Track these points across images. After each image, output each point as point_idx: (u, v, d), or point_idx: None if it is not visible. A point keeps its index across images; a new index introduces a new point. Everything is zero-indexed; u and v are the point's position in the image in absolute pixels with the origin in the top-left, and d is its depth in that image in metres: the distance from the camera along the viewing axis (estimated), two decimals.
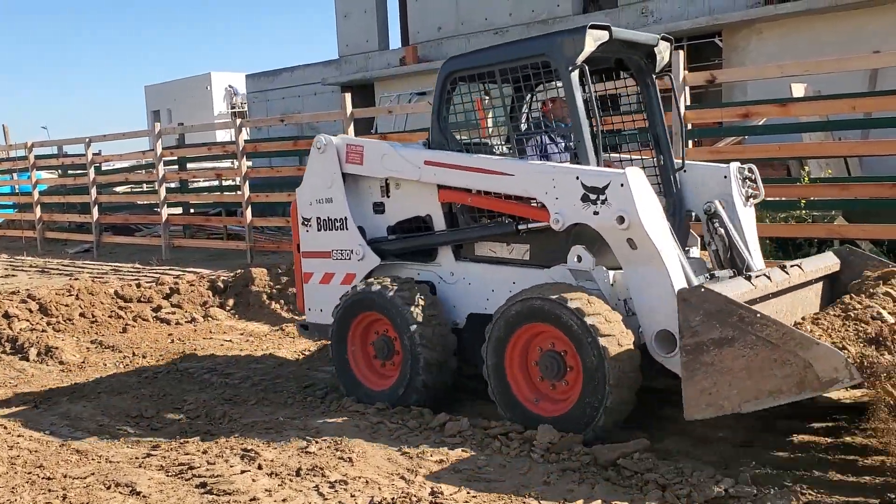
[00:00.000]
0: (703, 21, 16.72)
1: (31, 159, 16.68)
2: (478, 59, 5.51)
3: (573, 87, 5.00)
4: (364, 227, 6.02)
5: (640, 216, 4.62)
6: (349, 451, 4.67)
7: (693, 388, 4.10)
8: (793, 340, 3.83)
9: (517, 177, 5.16)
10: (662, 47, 5.56)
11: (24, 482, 4.45)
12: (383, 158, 5.81)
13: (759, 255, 5.47)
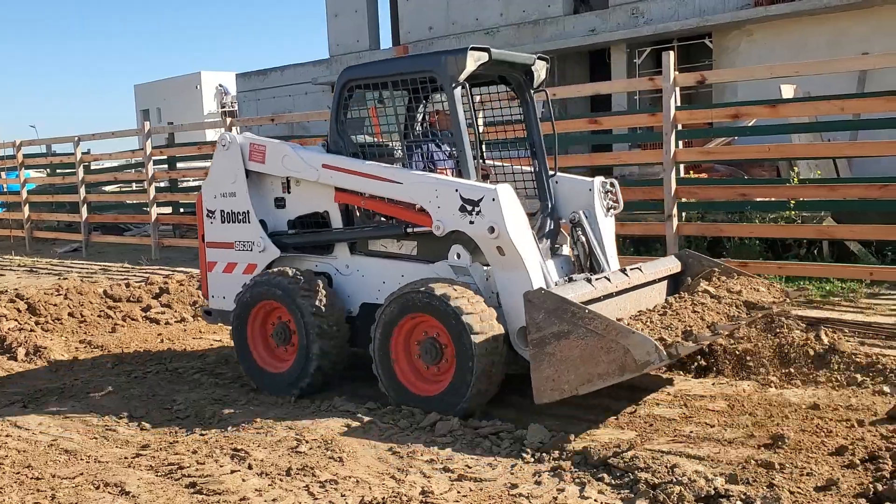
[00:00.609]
0: (693, 22, 16.77)
1: (19, 158, 16.58)
2: (373, 69, 6.04)
3: (455, 102, 5.52)
4: (266, 220, 6.45)
5: (508, 228, 5.22)
6: (339, 451, 4.66)
7: (539, 375, 4.68)
8: (615, 331, 4.46)
9: (405, 185, 5.66)
10: (539, 66, 6.17)
11: (13, 482, 4.42)
12: (284, 159, 6.24)
13: (615, 260, 6.12)
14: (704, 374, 6.09)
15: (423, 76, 5.67)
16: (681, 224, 7.99)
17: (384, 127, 6.30)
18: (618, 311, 5.26)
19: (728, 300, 5.66)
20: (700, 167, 11.20)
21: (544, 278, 5.38)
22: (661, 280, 5.99)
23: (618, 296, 5.40)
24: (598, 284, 5.20)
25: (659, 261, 6.23)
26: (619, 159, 10.28)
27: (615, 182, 6.28)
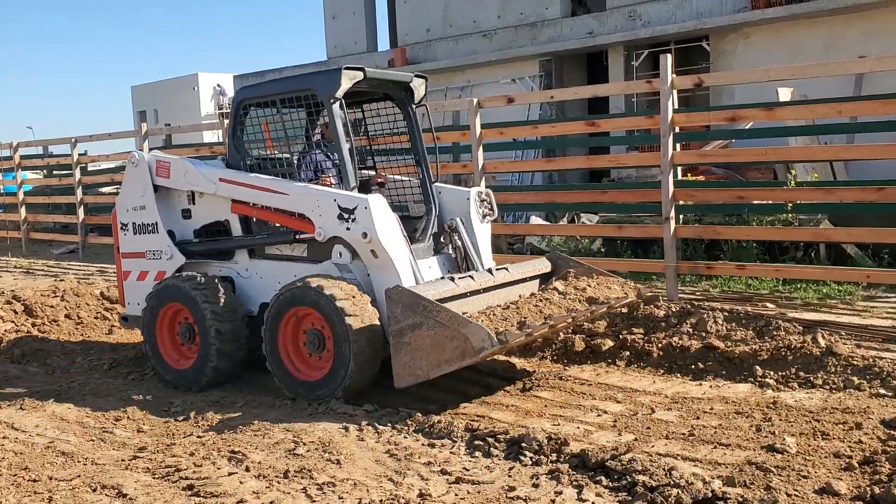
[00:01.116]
0: (690, 25, 16.78)
1: (16, 159, 16.56)
2: (263, 89, 6.63)
3: (335, 116, 6.07)
4: (174, 230, 7.01)
5: (378, 233, 5.81)
6: (337, 453, 4.66)
7: (398, 363, 5.27)
8: (456, 322, 5.04)
9: (291, 196, 6.23)
10: (417, 83, 6.80)
11: (10, 484, 4.41)
12: (186, 174, 6.81)
13: (490, 260, 6.75)
14: (702, 377, 6.10)
15: (305, 94, 6.26)
16: (678, 227, 8.00)
17: (276, 141, 6.83)
18: (480, 306, 5.82)
19: (573, 296, 6.16)
20: (697, 170, 11.21)
21: (414, 276, 5.97)
22: (530, 279, 6.57)
23: (484, 292, 5.95)
24: (460, 282, 5.75)
25: (529, 262, 6.84)
26: (616, 161, 10.29)
27: (490, 192, 6.95)
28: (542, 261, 6.91)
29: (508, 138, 10.53)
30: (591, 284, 6.51)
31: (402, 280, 5.81)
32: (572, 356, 6.77)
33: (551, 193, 10.34)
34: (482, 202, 6.82)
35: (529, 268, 6.63)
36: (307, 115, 6.96)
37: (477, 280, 5.92)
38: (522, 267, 6.57)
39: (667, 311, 7.12)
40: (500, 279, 6.12)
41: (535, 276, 6.66)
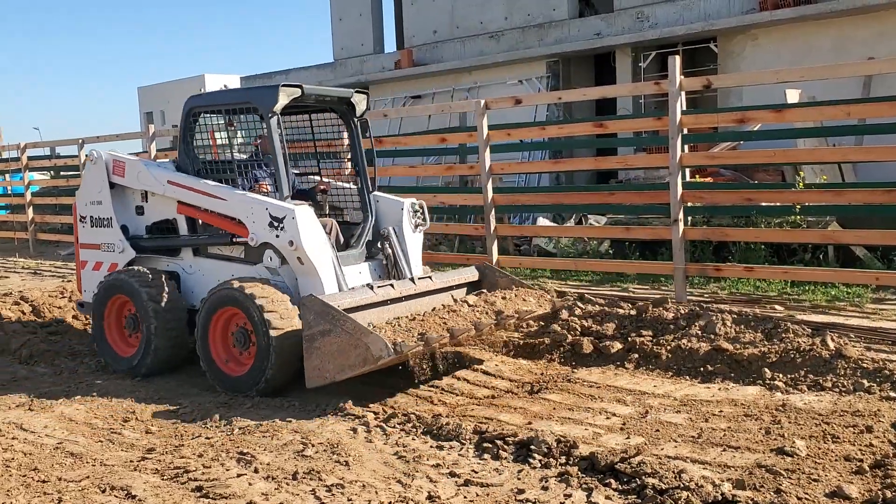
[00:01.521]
0: (698, 27, 16.76)
1: (23, 160, 16.60)
2: (211, 99, 7.06)
3: (272, 130, 6.44)
4: (128, 225, 7.44)
5: (303, 243, 6.18)
6: (346, 455, 4.66)
7: (310, 365, 5.64)
8: (359, 331, 5.38)
9: (229, 202, 6.62)
10: (358, 98, 7.19)
11: (19, 485, 4.42)
12: (138, 174, 7.24)
13: (419, 268, 7.07)
14: (710, 379, 6.08)
15: (247, 107, 6.68)
16: (687, 228, 7.98)
17: (222, 148, 7.27)
18: (398, 313, 6.16)
19: (480, 308, 6.41)
20: (705, 171, 11.18)
21: (338, 282, 6.38)
22: (455, 287, 6.94)
23: (406, 300, 6.34)
24: (379, 291, 6.14)
25: (456, 271, 7.18)
26: (625, 163, 10.26)
27: (423, 204, 7.27)
28: (471, 270, 7.23)
29: (516, 139, 10.52)
30: (506, 296, 6.75)
31: (325, 286, 6.26)
32: (580, 358, 6.75)
33: (559, 195, 10.32)
34: (415, 213, 7.15)
35: (454, 277, 6.99)
36: (240, 126, 7.56)
37: (397, 288, 6.29)
38: (447, 276, 6.93)
39: (675, 313, 7.10)
40: (421, 288, 6.49)
41: (461, 285, 7.01)
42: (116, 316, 7.16)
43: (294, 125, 7.58)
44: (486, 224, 9.24)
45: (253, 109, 6.63)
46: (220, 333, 6.40)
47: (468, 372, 6.57)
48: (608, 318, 7.29)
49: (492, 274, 7.25)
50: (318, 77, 25.16)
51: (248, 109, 6.70)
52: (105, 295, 7.13)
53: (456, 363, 6.78)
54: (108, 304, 7.12)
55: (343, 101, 7.15)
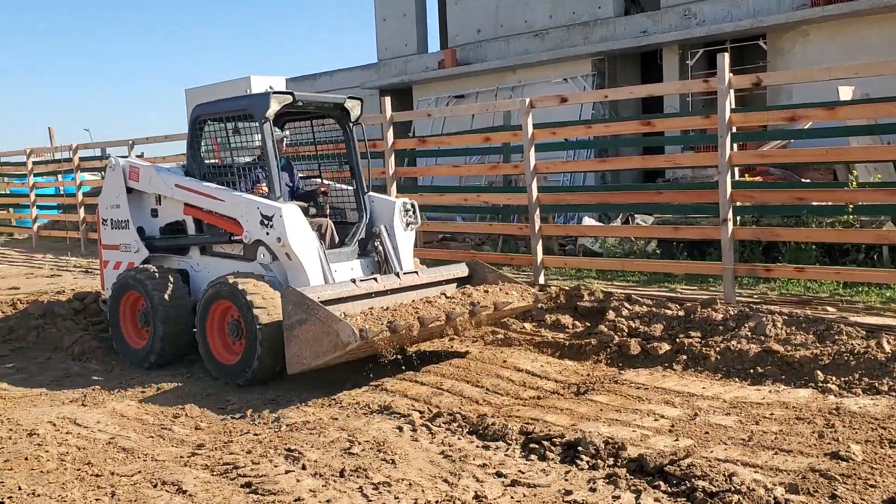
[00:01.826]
0: (746, 23, 16.48)
1: (75, 161, 16.95)
2: (213, 107, 7.48)
3: (265, 135, 6.88)
4: (144, 227, 7.96)
5: (289, 239, 6.58)
6: (392, 454, 4.67)
7: (290, 353, 6.00)
8: (330, 319, 5.74)
9: (226, 202, 7.07)
10: (352, 104, 7.56)
11: (74, 478, 4.52)
12: (151, 179, 7.76)
13: (410, 265, 7.34)
14: (760, 381, 5.97)
15: (244, 113, 7.10)
16: (736, 228, 7.84)
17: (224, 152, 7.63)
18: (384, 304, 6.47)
19: (457, 300, 6.65)
20: (755, 170, 10.99)
21: (324, 276, 6.73)
22: (444, 283, 7.18)
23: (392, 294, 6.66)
24: (362, 284, 6.52)
25: (445, 267, 7.46)
26: (673, 162, 10.13)
27: (414, 203, 7.59)
28: (461, 266, 7.49)
29: (561, 138, 10.44)
30: (488, 290, 6.97)
31: (310, 279, 6.63)
32: (627, 360, 6.69)
33: (605, 194, 10.22)
34: (406, 212, 7.49)
35: (442, 272, 7.27)
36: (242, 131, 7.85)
37: (380, 282, 6.65)
38: (435, 272, 7.22)
39: (724, 314, 7.00)
40: (405, 282, 6.82)
41: (450, 281, 7.26)
42: (130, 311, 7.60)
43: (300, 130, 8.15)
44: (531, 224, 9.19)
45: (249, 116, 7.04)
46: (216, 325, 6.81)
47: (513, 372, 6.54)
48: (656, 319, 7.21)
49: (481, 270, 7.46)
50: (362, 78, 25.30)
51: (245, 116, 7.11)
52: (119, 292, 7.62)
53: (498, 363, 6.76)
54: (122, 300, 7.61)
55: (339, 108, 7.55)
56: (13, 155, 19.39)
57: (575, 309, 7.94)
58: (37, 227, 18.15)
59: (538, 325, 7.84)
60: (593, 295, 8.01)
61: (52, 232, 18.23)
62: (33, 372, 7.37)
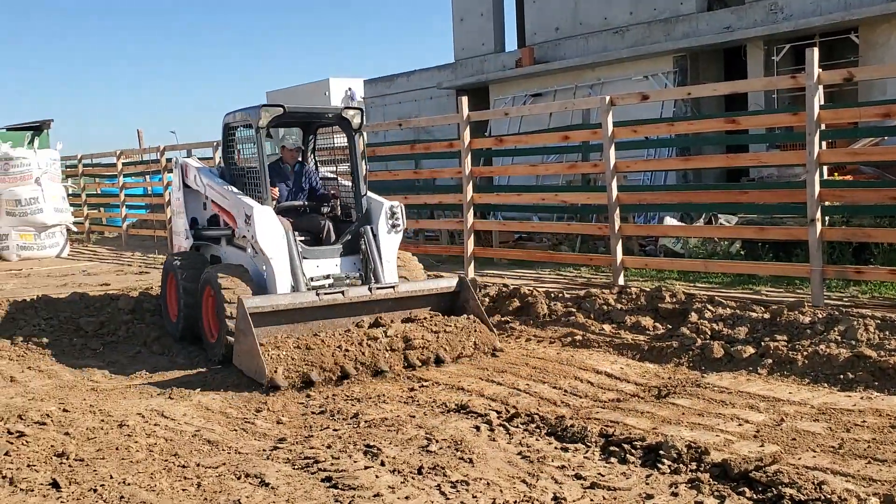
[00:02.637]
0: (837, 17, 15.92)
1: (163, 162, 17.51)
2: (234, 116, 8.24)
3: (258, 143, 7.66)
4: (197, 218, 9.02)
5: (258, 236, 7.31)
6: (469, 453, 4.67)
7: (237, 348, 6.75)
8: (254, 352, 6.39)
9: (228, 201, 7.94)
10: (351, 114, 8.10)
11: (162, 469, 4.65)
12: (195, 177, 8.73)
13: (392, 267, 7.76)
14: (851, 387, 5.75)
15: (246, 123, 7.93)
16: (825, 229, 7.58)
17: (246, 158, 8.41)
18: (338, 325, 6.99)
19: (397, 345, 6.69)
20: (844, 169, 10.61)
21: (294, 274, 7.32)
22: (423, 297, 7.45)
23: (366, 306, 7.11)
24: (325, 298, 6.97)
25: (433, 280, 7.81)
26: (758, 160, 9.86)
27: (401, 206, 7.97)
28: (448, 281, 7.65)
29: (641, 136, 10.28)
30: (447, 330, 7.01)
31: (277, 276, 7.30)
32: (710, 363, 6.53)
33: (687, 193, 10.03)
34: (392, 215, 7.85)
35: (424, 287, 7.54)
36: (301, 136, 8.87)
37: (347, 296, 7.04)
38: (416, 285, 7.52)
39: (812, 317, 6.78)
40: (376, 296, 7.17)
41: (429, 296, 7.49)
42: (174, 290, 8.43)
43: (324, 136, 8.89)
44: (610, 223, 9.08)
45: (250, 125, 7.81)
46: (210, 308, 7.59)
47: (592, 374, 6.47)
48: (740, 322, 7.02)
49: (467, 294, 7.53)
50: (439, 78, 25.40)
51: (248, 125, 7.91)
52: (165, 273, 8.74)
53: (576, 364, 6.69)
54: (168, 279, 8.61)
55: (339, 118, 8.12)
56: (104, 157, 20.17)
57: (656, 311, 7.80)
58: (126, 225, 18.83)
59: (618, 326, 7.74)
60: (675, 296, 7.86)
61: (141, 231, 18.89)
62: (123, 365, 7.63)
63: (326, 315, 7.05)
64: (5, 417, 5.68)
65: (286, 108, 7.68)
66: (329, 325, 7.01)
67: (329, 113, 8.21)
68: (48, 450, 4.98)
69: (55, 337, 8.57)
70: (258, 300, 6.77)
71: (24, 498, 4.31)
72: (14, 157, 16.19)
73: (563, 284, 9.62)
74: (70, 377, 7.19)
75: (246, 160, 8.33)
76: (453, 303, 7.58)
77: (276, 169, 8.34)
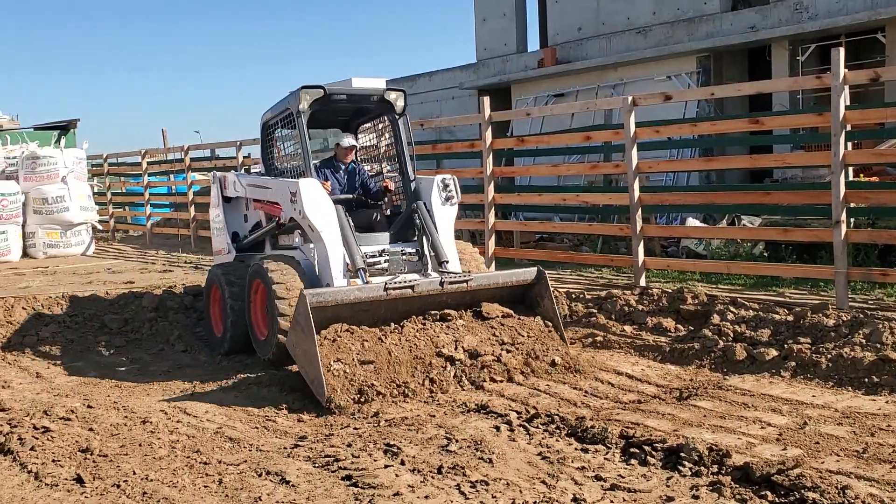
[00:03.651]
0: (863, 16, 15.76)
1: (186, 161, 17.64)
2: (272, 111, 7.89)
3: (300, 130, 7.23)
4: (238, 231, 8.78)
5: (307, 209, 6.83)
6: (489, 452, 4.67)
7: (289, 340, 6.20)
8: (314, 364, 5.78)
9: (272, 189, 7.64)
10: (394, 96, 7.65)
11: (184, 465, 4.69)
12: (233, 184, 8.60)
13: (450, 242, 7.29)
14: (876, 391, 5.69)
15: (288, 113, 7.47)
16: (850, 230, 7.50)
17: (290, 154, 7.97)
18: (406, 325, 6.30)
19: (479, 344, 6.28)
20: (871, 170, 10.49)
21: (350, 254, 6.79)
22: (494, 290, 6.77)
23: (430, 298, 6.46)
24: (392, 292, 6.21)
25: (509, 272, 6.96)
26: (783, 161, 9.77)
27: (454, 178, 7.60)
28: (527, 272, 6.93)
29: (664, 137, 10.22)
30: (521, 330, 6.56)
31: (329, 250, 6.80)
32: (732, 365, 6.48)
33: (710, 194, 9.94)
34: (445, 187, 7.48)
35: (499, 279, 6.82)
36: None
37: (419, 289, 6.35)
38: (491, 277, 6.83)
39: (836, 320, 6.70)
40: (449, 289, 6.48)
41: (503, 288, 6.81)
42: (218, 302, 8.01)
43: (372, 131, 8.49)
44: (632, 224, 9.03)
45: (290, 115, 7.38)
46: (259, 302, 7.27)
47: (613, 376, 6.44)
48: (762, 324, 6.97)
49: (542, 288, 6.86)
50: (461, 78, 25.39)
51: (287, 115, 7.47)
52: (208, 285, 8.30)
53: (596, 365, 6.67)
54: (211, 293, 8.18)
55: (382, 101, 7.69)
56: (129, 156, 20.36)
57: (678, 312, 7.76)
58: (150, 224, 18.98)
59: (639, 328, 7.70)
60: (697, 298, 7.81)
61: (165, 229, 19.03)
62: (147, 362, 7.71)
63: (392, 306, 6.39)
64: (31, 413, 5.76)
65: (326, 89, 7.26)
66: (393, 314, 6.38)
67: (372, 95, 7.63)
68: (73, 445, 5.05)
69: (80, 334, 8.67)
70: (321, 293, 6.06)
71: (49, 493, 4.37)
72: (41, 155, 16.36)
73: (584, 285, 9.58)
74: (94, 374, 7.28)
75: (288, 157, 7.91)
76: (524, 294, 6.96)
77: (328, 166, 7.96)
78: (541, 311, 6.83)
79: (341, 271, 6.77)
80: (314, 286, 6.72)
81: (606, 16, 21.33)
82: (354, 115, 8.20)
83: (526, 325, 6.64)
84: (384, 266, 6.97)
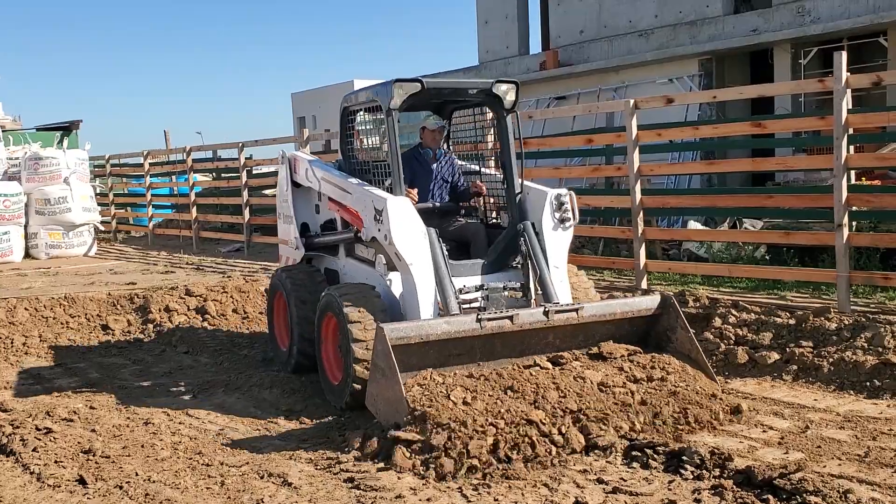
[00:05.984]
0: (865, 20, 15.77)
1: (188, 162, 17.65)
2: (355, 97, 6.70)
3: (390, 127, 5.99)
4: (309, 223, 7.40)
5: (394, 236, 5.65)
6: None
7: (369, 389, 5.13)
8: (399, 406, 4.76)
9: (353, 195, 6.28)
10: (505, 89, 6.29)
11: (186, 467, 4.70)
12: (306, 171, 7.14)
13: (563, 272, 6.05)
14: (878, 395, 5.69)
15: (373, 105, 6.27)
16: (852, 234, 7.50)
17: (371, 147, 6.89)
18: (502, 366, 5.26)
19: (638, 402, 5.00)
20: (872, 174, 10.49)
21: (443, 288, 5.63)
22: (613, 322, 5.65)
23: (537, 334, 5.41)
24: (487, 324, 5.17)
25: (628, 301, 5.90)
26: (784, 164, 9.77)
27: (572, 195, 6.24)
28: (649, 300, 5.85)
29: (666, 140, 10.23)
30: (668, 371, 5.31)
31: (418, 286, 5.66)
32: (734, 369, 6.48)
33: (711, 197, 9.94)
34: (560, 205, 6.14)
35: (617, 308, 5.69)
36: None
37: (519, 321, 5.29)
38: (606, 306, 5.69)
39: (838, 323, 6.70)
40: (555, 321, 5.37)
41: (622, 320, 5.69)
42: (283, 311, 7.12)
43: (463, 125, 7.19)
44: (634, 227, 9.04)
45: (378, 108, 6.21)
46: (331, 338, 6.11)
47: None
48: (764, 327, 6.97)
49: (672, 319, 5.70)
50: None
51: (375, 108, 6.29)
52: (271, 291, 7.40)
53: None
54: (275, 300, 7.30)
55: (487, 94, 6.37)
56: (131, 157, 20.39)
57: None
58: (152, 225, 19.00)
59: None
60: (698, 301, 7.81)
61: (167, 230, 19.04)
62: (149, 364, 7.72)
63: (487, 345, 5.34)
64: (33, 414, 5.77)
65: (424, 84, 6.04)
66: (490, 357, 5.34)
67: (477, 88, 6.37)
68: (75, 446, 5.05)
69: (82, 335, 8.69)
70: (403, 327, 5.08)
71: (51, 494, 4.38)
72: (43, 156, 16.39)
73: None
74: (97, 375, 7.28)
75: (372, 152, 6.76)
76: (649, 327, 5.82)
77: (411, 161, 6.66)
78: (673, 344, 5.71)
79: (431, 311, 5.66)
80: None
81: (608, 18, 21.36)
82: (449, 101, 6.89)
83: (660, 366, 5.41)
84: (481, 305, 5.81)
